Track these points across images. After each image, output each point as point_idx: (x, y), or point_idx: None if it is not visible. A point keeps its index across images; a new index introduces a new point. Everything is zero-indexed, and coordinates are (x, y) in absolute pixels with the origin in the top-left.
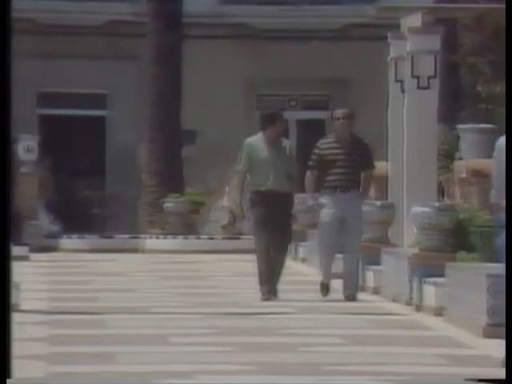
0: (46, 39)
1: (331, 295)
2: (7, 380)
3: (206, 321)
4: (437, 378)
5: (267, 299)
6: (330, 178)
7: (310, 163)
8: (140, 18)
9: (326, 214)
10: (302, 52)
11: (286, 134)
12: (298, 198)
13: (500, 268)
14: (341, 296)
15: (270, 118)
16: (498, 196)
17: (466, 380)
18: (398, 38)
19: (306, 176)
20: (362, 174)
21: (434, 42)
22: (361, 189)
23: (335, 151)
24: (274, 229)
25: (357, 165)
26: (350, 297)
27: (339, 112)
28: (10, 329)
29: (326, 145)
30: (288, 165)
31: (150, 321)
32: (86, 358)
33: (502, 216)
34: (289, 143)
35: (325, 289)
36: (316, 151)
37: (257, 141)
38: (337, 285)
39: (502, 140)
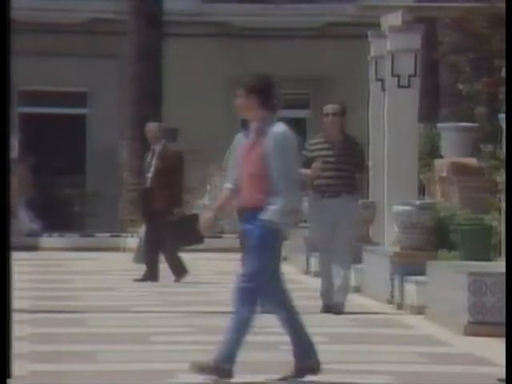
0: (27, 37)
1: (313, 293)
2: (7, 380)
3: (187, 319)
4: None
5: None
6: (319, 181)
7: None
8: (121, 16)
9: (316, 225)
10: (283, 50)
11: None
12: None
13: (479, 266)
14: None
15: None
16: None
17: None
18: (378, 37)
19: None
20: (356, 177)
21: (415, 40)
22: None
23: (325, 152)
24: None
25: (349, 167)
26: (339, 304)
27: (329, 107)
28: (10, 329)
29: (315, 145)
30: None
31: (131, 320)
32: (67, 356)
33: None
34: None
35: (326, 308)
36: (304, 153)
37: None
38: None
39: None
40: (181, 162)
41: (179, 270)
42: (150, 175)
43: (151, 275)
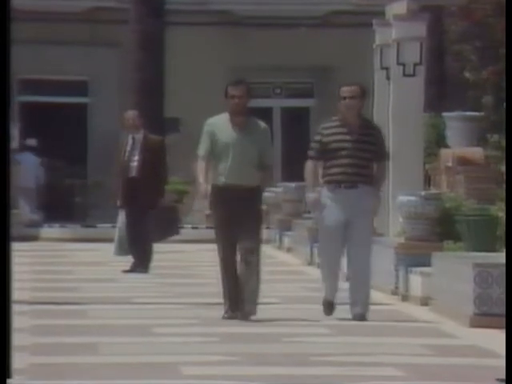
0: (27, 25)
1: (316, 285)
2: (7, 380)
3: (190, 311)
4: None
5: (228, 317)
6: (333, 170)
7: (311, 152)
8: (122, 5)
9: (328, 217)
10: (287, 39)
11: (269, 121)
12: (283, 186)
13: (485, 257)
14: None
15: (227, 90)
16: None
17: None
18: (383, 25)
19: (306, 166)
20: (375, 167)
21: (420, 28)
22: (372, 184)
23: (341, 137)
24: (237, 234)
25: (367, 155)
26: (359, 316)
27: (346, 90)
28: (10, 329)
29: (330, 130)
30: (261, 152)
31: (132, 311)
32: (68, 348)
33: None
34: (263, 126)
35: (329, 307)
36: (317, 138)
37: (219, 121)
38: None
39: None
40: (164, 149)
41: (145, 262)
42: (134, 164)
43: (140, 266)
